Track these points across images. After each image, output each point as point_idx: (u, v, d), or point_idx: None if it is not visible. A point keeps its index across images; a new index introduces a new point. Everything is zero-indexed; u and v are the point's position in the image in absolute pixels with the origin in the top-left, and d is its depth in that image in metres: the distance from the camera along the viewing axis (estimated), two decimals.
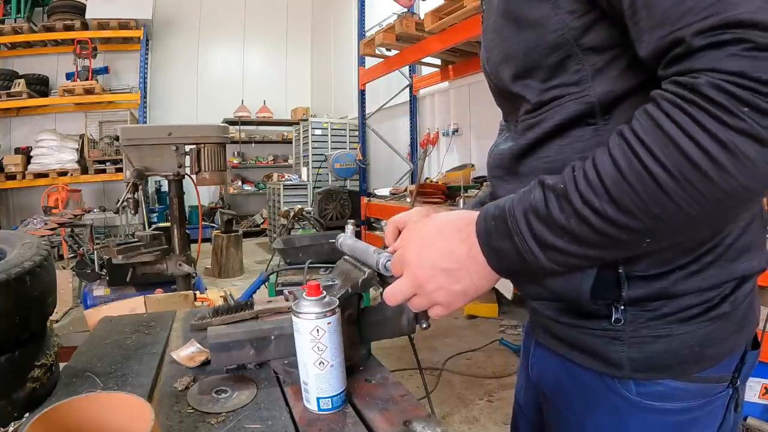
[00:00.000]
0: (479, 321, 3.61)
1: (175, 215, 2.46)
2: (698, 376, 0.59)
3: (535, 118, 0.60)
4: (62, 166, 6.51)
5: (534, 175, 0.62)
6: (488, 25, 0.66)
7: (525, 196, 0.52)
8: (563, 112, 0.57)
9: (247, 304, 0.94)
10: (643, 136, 0.44)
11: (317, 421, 0.68)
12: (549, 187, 0.50)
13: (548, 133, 0.59)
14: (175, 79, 8.20)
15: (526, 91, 0.60)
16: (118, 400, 0.56)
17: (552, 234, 0.49)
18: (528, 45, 0.57)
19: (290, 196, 6.41)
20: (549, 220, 0.49)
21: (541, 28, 0.55)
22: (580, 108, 0.56)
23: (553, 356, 0.70)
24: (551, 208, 0.49)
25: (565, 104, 0.57)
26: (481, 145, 4.63)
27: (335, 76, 8.07)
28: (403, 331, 0.86)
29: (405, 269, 0.60)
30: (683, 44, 0.42)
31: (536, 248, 0.51)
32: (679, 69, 0.43)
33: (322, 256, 2.19)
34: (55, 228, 3.72)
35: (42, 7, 7.03)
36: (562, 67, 0.56)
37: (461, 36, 3.48)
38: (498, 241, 0.53)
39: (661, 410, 0.59)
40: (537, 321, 0.73)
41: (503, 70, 0.62)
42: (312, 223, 4.87)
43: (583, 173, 0.48)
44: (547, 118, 0.59)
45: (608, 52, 0.54)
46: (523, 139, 0.63)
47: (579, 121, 0.57)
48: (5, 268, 0.70)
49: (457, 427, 2.21)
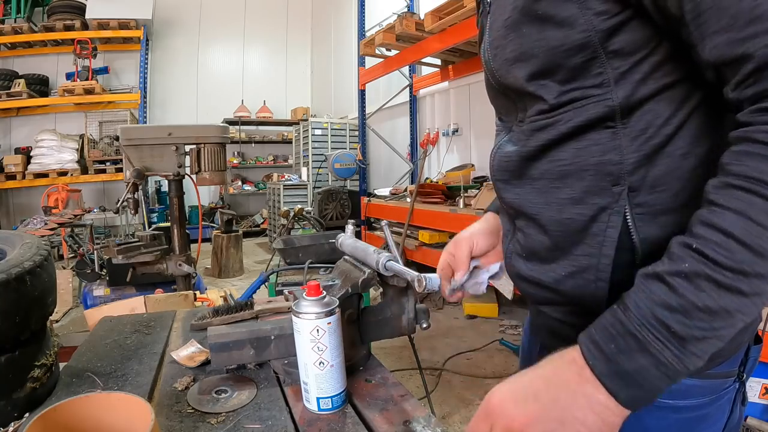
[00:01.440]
0: (479, 321, 3.60)
1: (175, 215, 2.46)
2: (711, 372, 0.59)
3: (550, 119, 0.59)
4: (62, 166, 6.51)
5: (547, 179, 0.61)
6: (496, 21, 0.63)
7: (639, 300, 0.46)
8: (582, 115, 0.56)
9: (247, 304, 0.94)
10: (762, 176, 0.42)
11: (317, 421, 0.68)
12: (666, 274, 0.45)
13: (565, 135, 0.58)
14: (175, 79, 8.20)
15: (542, 91, 0.58)
16: (118, 400, 0.56)
17: (692, 320, 0.44)
18: (551, 44, 0.55)
19: (290, 196, 6.41)
20: (687, 306, 0.44)
21: (567, 28, 0.54)
22: (601, 111, 0.55)
23: None
24: (685, 293, 0.44)
25: (586, 107, 0.56)
26: (481, 145, 4.63)
27: (335, 76, 8.07)
28: (403, 331, 0.86)
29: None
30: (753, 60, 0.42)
31: (677, 348, 0.44)
32: (756, 91, 0.43)
33: (322, 256, 2.19)
34: (55, 228, 3.71)
35: (42, 7, 7.03)
36: (585, 69, 0.55)
37: (461, 36, 3.48)
38: (627, 363, 0.46)
39: (675, 408, 0.59)
40: (542, 323, 0.72)
41: (517, 68, 0.60)
42: (312, 223, 4.88)
43: (702, 241, 0.44)
44: (563, 120, 0.57)
45: (632, 56, 0.53)
46: (534, 140, 0.61)
47: (598, 124, 0.56)
48: (5, 268, 0.70)
49: (457, 427, 2.21)
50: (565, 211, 0.59)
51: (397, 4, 5.28)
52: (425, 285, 0.70)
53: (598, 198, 0.57)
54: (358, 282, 0.78)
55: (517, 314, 3.64)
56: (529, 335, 0.85)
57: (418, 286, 0.70)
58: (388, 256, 0.75)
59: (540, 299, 0.67)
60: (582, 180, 0.58)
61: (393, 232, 4.03)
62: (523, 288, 0.69)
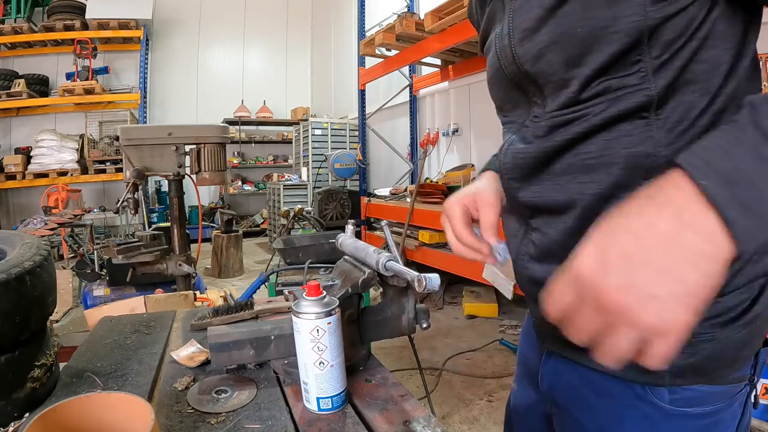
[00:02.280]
0: (479, 321, 3.60)
1: (175, 215, 2.46)
2: (729, 377, 0.58)
3: (577, 113, 0.55)
4: (62, 166, 6.51)
5: (570, 174, 0.57)
6: (524, 3, 0.58)
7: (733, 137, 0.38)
8: (617, 106, 0.53)
9: (247, 304, 0.94)
10: None
11: (317, 421, 0.68)
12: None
13: (596, 127, 0.54)
14: (175, 79, 8.20)
15: (575, 80, 0.54)
16: (118, 400, 0.56)
17: None
18: (595, 26, 0.51)
19: (290, 196, 6.41)
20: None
21: (617, 8, 0.50)
22: (638, 101, 0.52)
23: (569, 365, 0.67)
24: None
25: (621, 97, 0.52)
26: (481, 145, 4.63)
27: (335, 76, 8.07)
28: (403, 331, 0.86)
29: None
30: None
31: None
32: None
33: (322, 256, 2.19)
34: (55, 228, 3.71)
35: (42, 7, 7.03)
36: (625, 56, 0.51)
37: (461, 36, 3.48)
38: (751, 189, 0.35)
39: (691, 415, 0.58)
40: (548, 331, 0.69)
41: (552, 53, 0.55)
42: (312, 223, 4.88)
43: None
44: (594, 112, 0.54)
45: (674, 45, 0.50)
46: (560, 135, 0.57)
47: (631, 115, 0.53)
48: (5, 268, 0.70)
49: (457, 427, 2.21)
50: (591, 207, 0.56)
51: (397, 4, 5.28)
52: (425, 285, 0.70)
53: (628, 192, 0.50)
54: (358, 282, 0.78)
55: (517, 314, 3.64)
56: (529, 341, 0.81)
57: (418, 286, 0.70)
58: (388, 256, 0.75)
59: None
60: (610, 174, 0.54)
61: (393, 232, 4.03)
62: (535, 292, 0.65)
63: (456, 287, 4.19)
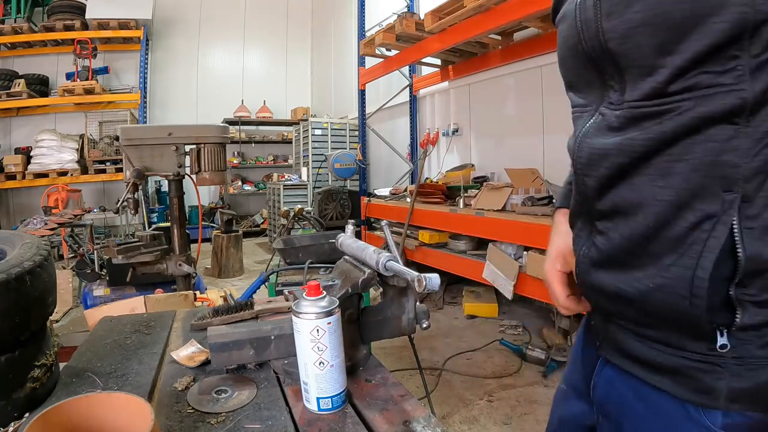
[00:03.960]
0: (479, 321, 3.60)
1: (175, 215, 2.46)
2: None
3: (662, 107, 0.51)
4: (62, 166, 6.51)
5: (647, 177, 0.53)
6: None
7: None
8: (706, 105, 0.48)
9: (247, 304, 0.94)
10: None
11: (317, 421, 0.68)
12: None
13: (682, 127, 0.50)
14: (175, 79, 8.20)
15: (664, 68, 0.50)
16: (118, 400, 0.56)
17: None
18: (696, 11, 0.46)
19: (290, 196, 6.41)
20: None
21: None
22: (731, 103, 0.47)
23: (625, 377, 0.65)
24: None
25: (712, 96, 0.48)
26: (481, 145, 4.63)
27: (335, 76, 8.07)
28: (403, 331, 0.86)
29: None
30: None
31: None
32: None
33: (322, 256, 2.18)
34: (55, 228, 3.71)
35: (42, 7, 7.03)
36: (721, 50, 0.47)
37: (461, 36, 3.47)
38: None
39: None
40: (608, 338, 0.67)
41: (641, 34, 0.50)
42: (312, 223, 4.87)
43: None
44: (680, 110, 0.50)
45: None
46: (642, 131, 0.53)
47: (721, 119, 0.48)
48: (5, 268, 0.70)
49: (457, 427, 2.20)
50: (663, 215, 0.53)
51: (397, 4, 5.28)
52: (425, 285, 0.70)
53: (705, 204, 0.50)
54: (358, 282, 0.78)
55: (517, 314, 3.64)
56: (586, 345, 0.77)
57: (418, 286, 0.70)
58: (388, 256, 0.75)
59: (616, 314, 0.61)
60: (689, 181, 0.51)
61: (393, 232, 4.03)
62: (596, 301, 0.64)
63: (456, 287, 4.19)
